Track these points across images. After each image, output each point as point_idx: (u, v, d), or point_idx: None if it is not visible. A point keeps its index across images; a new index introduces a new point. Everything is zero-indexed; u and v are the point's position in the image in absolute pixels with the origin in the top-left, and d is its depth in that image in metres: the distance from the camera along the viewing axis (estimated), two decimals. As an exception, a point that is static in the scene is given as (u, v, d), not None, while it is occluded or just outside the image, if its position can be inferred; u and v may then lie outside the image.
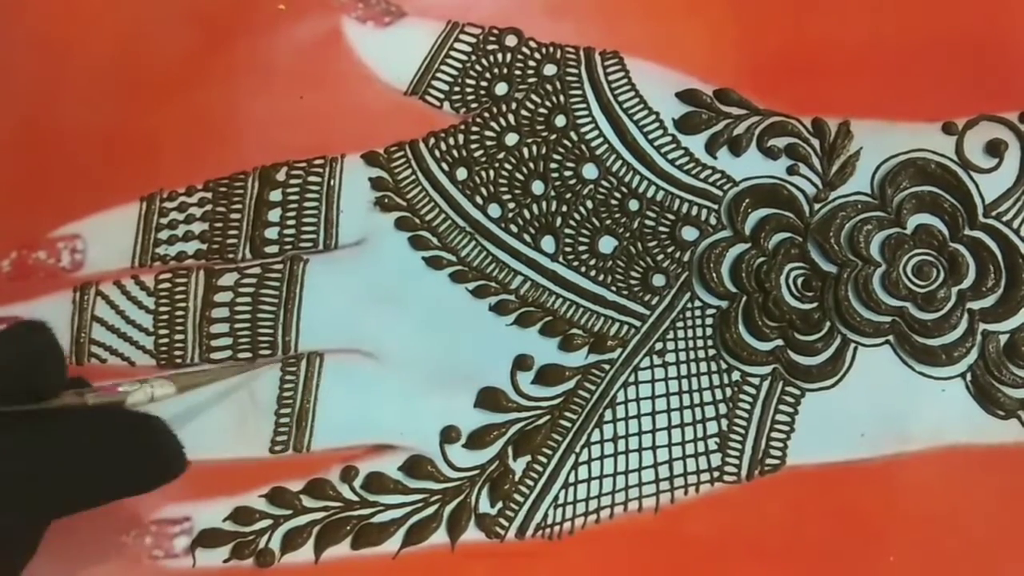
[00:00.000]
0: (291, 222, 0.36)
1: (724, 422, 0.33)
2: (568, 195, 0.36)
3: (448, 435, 0.33)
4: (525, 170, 0.37)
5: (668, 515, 0.33)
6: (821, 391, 0.34)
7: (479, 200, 0.36)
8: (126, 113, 0.38)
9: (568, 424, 0.34)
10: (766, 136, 0.36)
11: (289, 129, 0.37)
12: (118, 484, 0.27)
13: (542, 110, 0.37)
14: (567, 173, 0.36)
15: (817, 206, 0.36)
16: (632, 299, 0.35)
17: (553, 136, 0.37)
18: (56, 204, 0.36)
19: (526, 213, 0.36)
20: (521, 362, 0.34)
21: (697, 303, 0.35)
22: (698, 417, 0.33)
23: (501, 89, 0.38)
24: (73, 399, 0.26)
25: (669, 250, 0.35)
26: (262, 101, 0.38)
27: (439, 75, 0.38)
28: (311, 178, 0.37)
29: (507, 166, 0.37)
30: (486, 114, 0.37)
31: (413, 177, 0.37)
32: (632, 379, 0.34)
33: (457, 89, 0.38)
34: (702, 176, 0.36)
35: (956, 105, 0.36)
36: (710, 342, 0.34)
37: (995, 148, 0.36)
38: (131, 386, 0.28)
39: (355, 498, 0.33)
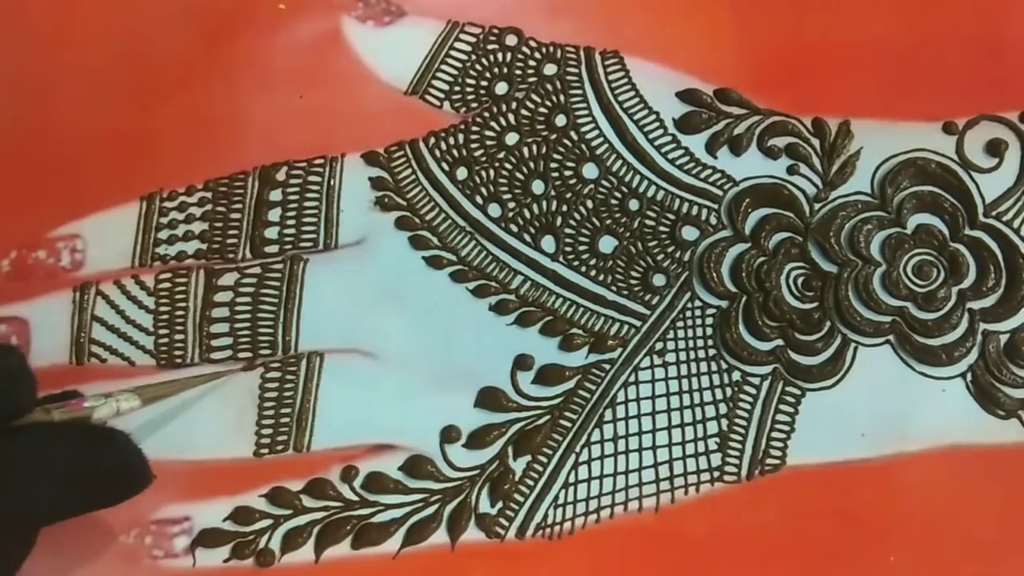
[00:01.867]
0: (291, 222, 0.36)
1: (724, 422, 0.33)
2: (568, 195, 0.36)
3: (448, 435, 0.33)
4: (525, 170, 0.37)
5: (668, 515, 0.33)
6: (821, 391, 0.34)
7: (479, 200, 0.36)
8: (126, 113, 0.38)
9: (568, 424, 0.34)
10: (766, 136, 0.36)
11: (289, 129, 0.37)
12: (84, 499, 0.27)
13: (542, 109, 0.37)
14: (567, 173, 0.36)
15: (817, 206, 0.35)
16: (632, 299, 0.35)
17: (553, 136, 0.37)
18: (56, 204, 0.36)
19: (526, 213, 0.36)
20: (521, 362, 0.34)
21: (697, 303, 0.35)
22: (698, 417, 0.33)
23: (501, 88, 0.38)
24: (40, 416, 0.26)
25: (669, 250, 0.35)
26: (262, 101, 0.38)
27: (439, 74, 0.38)
28: (311, 178, 0.37)
29: (507, 166, 0.37)
30: (486, 113, 0.37)
31: (413, 177, 0.37)
32: (632, 379, 0.34)
33: (457, 88, 0.38)
34: (702, 176, 0.36)
35: (956, 105, 0.36)
36: (710, 342, 0.34)
37: (995, 148, 0.36)
38: (96, 401, 0.28)
39: (355, 498, 0.33)
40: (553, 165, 0.37)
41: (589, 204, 0.36)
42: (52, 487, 0.26)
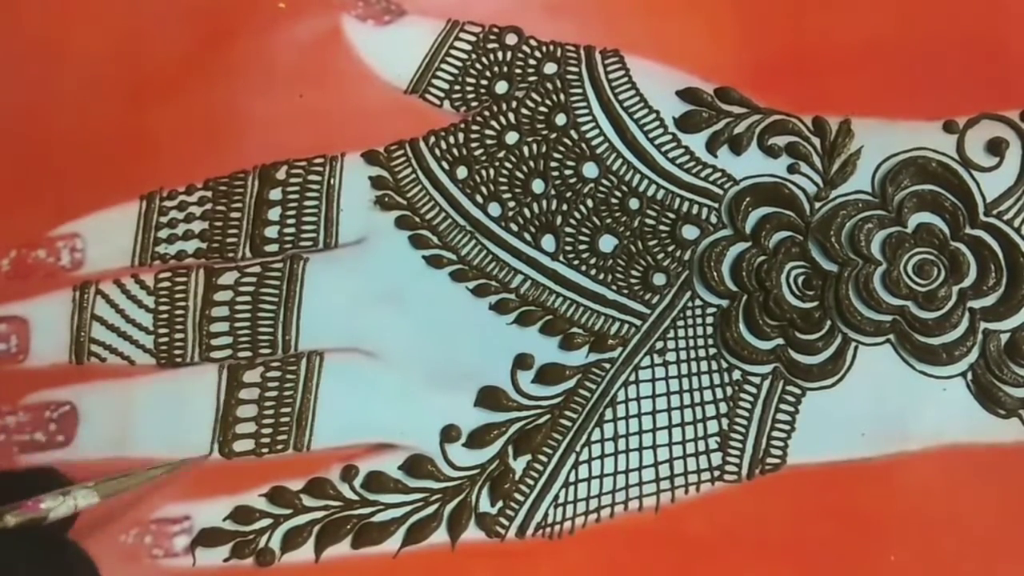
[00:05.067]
0: (291, 221, 0.36)
1: (725, 421, 0.33)
2: (568, 194, 0.36)
3: (448, 434, 0.33)
4: (525, 168, 0.37)
5: (668, 514, 0.33)
6: (822, 390, 0.34)
7: (479, 199, 0.36)
8: (125, 113, 0.38)
9: (568, 423, 0.34)
10: (767, 134, 0.36)
11: (289, 128, 0.37)
12: None
13: (542, 108, 0.37)
14: (567, 172, 0.36)
15: (818, 205, 0.35)
16: (633, 298, 0.35)
17: (553, 135, 0.37)
18: (56, 203, 0.36)
19: (526, 212, 0.36)
20: (521, 361, 0.34)
21: (698, 302, 0.35)
22: (699, 416, 0.33)
23: (501, 87, 0.38)
24: None
25: (670, 249, 0.35)
26: (262, 100, 0.38)
27: (439, 73, 0.38)
28: (311, 177, 0.37)
29: (507, 165, 0.37)
30: (486, 112, 0.37)
31: (413, 176, 0.37)
32: (633, 378, 0.34)
33: (457, 87, 0.38)
34: (703, 175, 0.36)
35: (957, 103, 0.36)
36: (711, 341, 0.34)
37: (996, 146, 0.36)
38: (54, 501, 0.28)
39: (355, 497, 0.33)
40: (553, 164, 0.36)
41: (589, 203, 0.36)
42: None
